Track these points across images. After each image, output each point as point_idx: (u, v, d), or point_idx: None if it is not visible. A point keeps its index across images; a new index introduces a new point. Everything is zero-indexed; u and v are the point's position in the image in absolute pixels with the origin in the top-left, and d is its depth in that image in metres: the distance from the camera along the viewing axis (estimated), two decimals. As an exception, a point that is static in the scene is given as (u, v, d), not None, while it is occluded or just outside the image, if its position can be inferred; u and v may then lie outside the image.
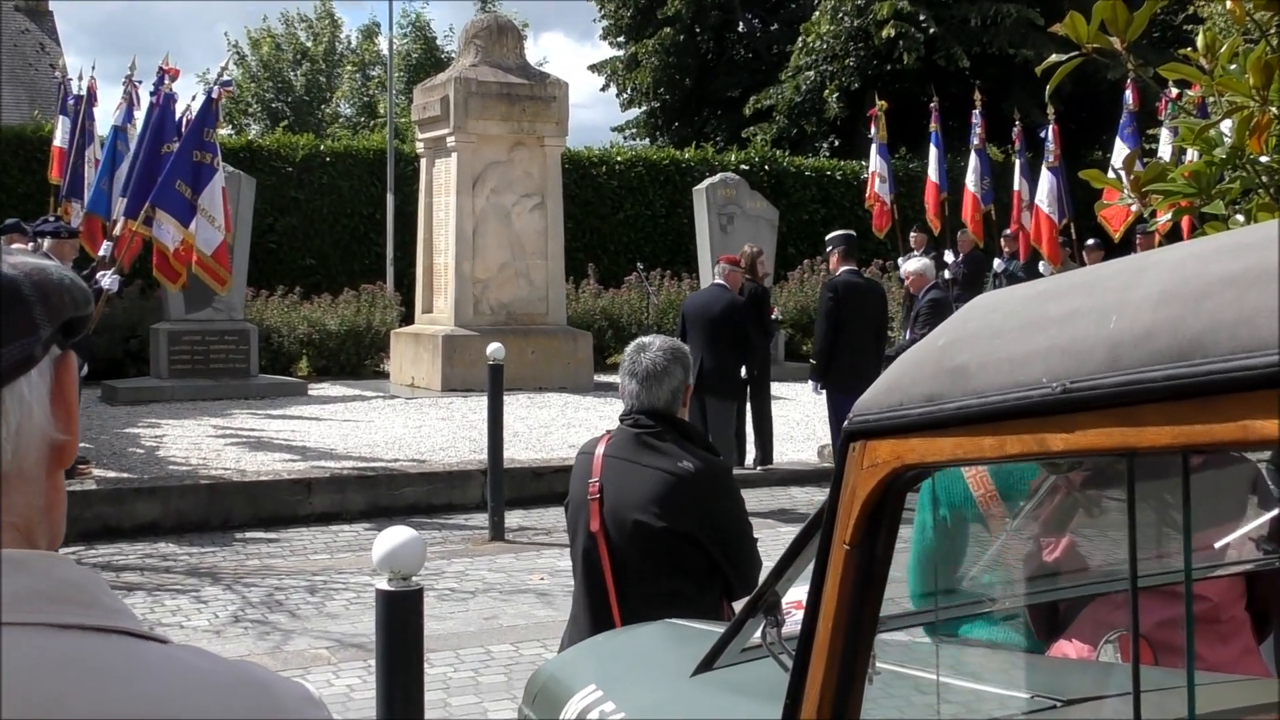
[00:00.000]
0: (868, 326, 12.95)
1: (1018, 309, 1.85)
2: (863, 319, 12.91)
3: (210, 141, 14.25)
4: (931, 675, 3.08)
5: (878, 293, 13.48)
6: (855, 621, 2.11)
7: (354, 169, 26.95)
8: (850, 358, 12.73)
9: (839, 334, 12.79)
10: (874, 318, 13.07)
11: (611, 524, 4.89)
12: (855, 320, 12.85)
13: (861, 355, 12.74)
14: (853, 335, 12.79)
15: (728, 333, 12.59)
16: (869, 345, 12.90)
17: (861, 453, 2.04)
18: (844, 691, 2.13)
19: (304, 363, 22.16)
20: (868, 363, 12.60)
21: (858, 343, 12.81)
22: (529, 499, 12.86)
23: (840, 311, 12.82)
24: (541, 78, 20.78)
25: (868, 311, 12.99)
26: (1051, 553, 3.48)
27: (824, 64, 34.81)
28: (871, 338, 12.97)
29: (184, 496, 11.97)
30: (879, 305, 13.24)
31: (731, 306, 12.72)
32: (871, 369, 12.27)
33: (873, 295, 13.26)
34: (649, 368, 4.98)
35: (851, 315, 12.85)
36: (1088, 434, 1.62)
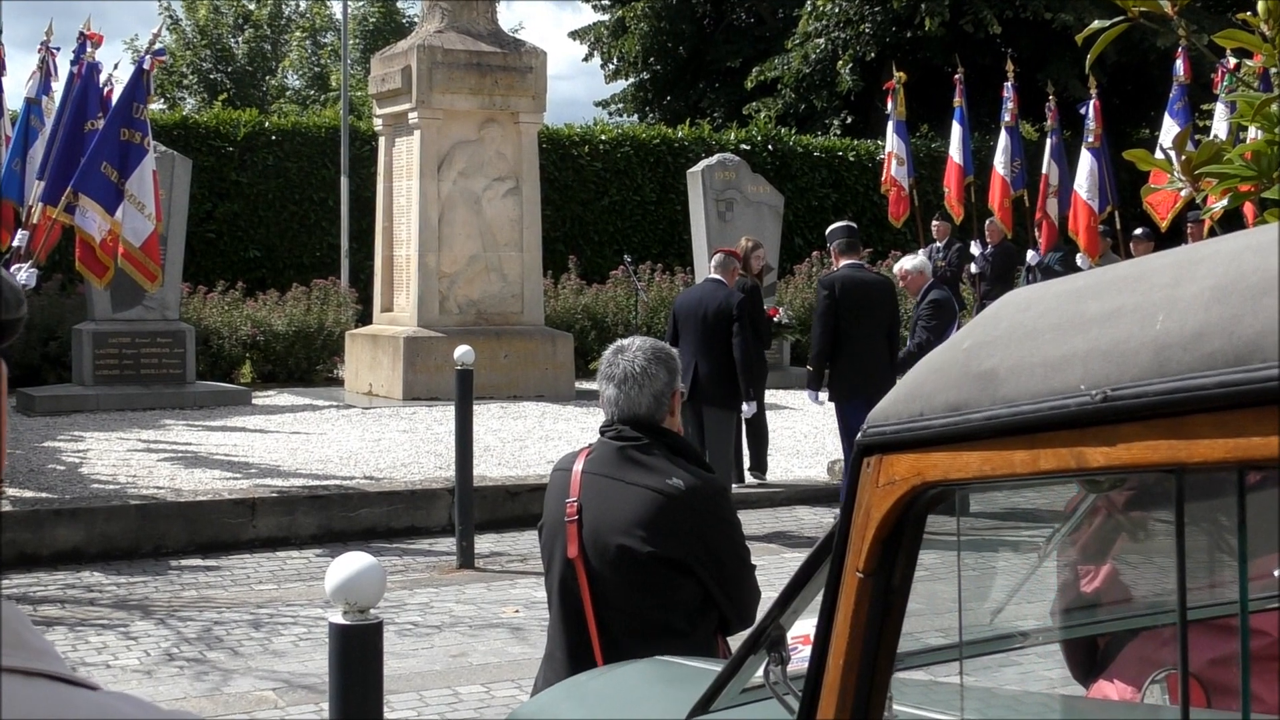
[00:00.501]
0: (875, 327, 12.78)
1: (1053, 307, 1.85)
2: (868, 319, 12.76)
3: (140, 119, 14.22)
4: (955, 718, 3.08)
5: (885, 289, 13.29)
6: (870, 658, 2.12)
7: (303, 149, 26.93)
8: (854, 362, 12.65)
9: (840, 336, 12.67)
10: (882, 317, 12.88)
11: (591, 549, 4.88)
12: (858, 320, 12.71)
13: (868, 359, 12.65)
14: (856, 337, 12.66)
15: (726, 335, 12.58)
16: (877, 348, 12.75)
17: (877, 469, 2.05)
18: (857, 737, 2.14)
19: (247, 368, 22.13)
20: (876, 367, 12.54)
21: (863, 346, 12.67)
22: (502, 521, 12.85)
23: (838, 310, 12.68)
24: (516, 46, 20.78)
25: (873, 310, 12.82)
26: (1091, 582, 3.49)
27: (835, 31, 34.83)
28: (881, 339, 12.81)
29: (111, 519, 11.94)
30: (887, 303, 13.05)
31: (728, 304, 12.68)
32: (882, 374, 12.35)
33: (879, 292, 13.08)
34: (627, 370, 4.97)
35: (853, 314, 12.71)
36: (1131, 447, 1.63)
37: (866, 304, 12.79)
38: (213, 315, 21.78)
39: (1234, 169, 2.86)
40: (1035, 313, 1.87)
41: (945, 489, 2.00)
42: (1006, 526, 3.66)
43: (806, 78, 35.49)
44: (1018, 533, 3.64)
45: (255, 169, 26.33)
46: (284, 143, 26.76)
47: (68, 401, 18.32)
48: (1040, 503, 3.74)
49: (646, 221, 29.06)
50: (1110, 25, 2.85)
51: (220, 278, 23.60)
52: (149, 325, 19.11)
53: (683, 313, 12.77)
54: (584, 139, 29.09)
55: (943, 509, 2.07)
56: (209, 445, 15.71)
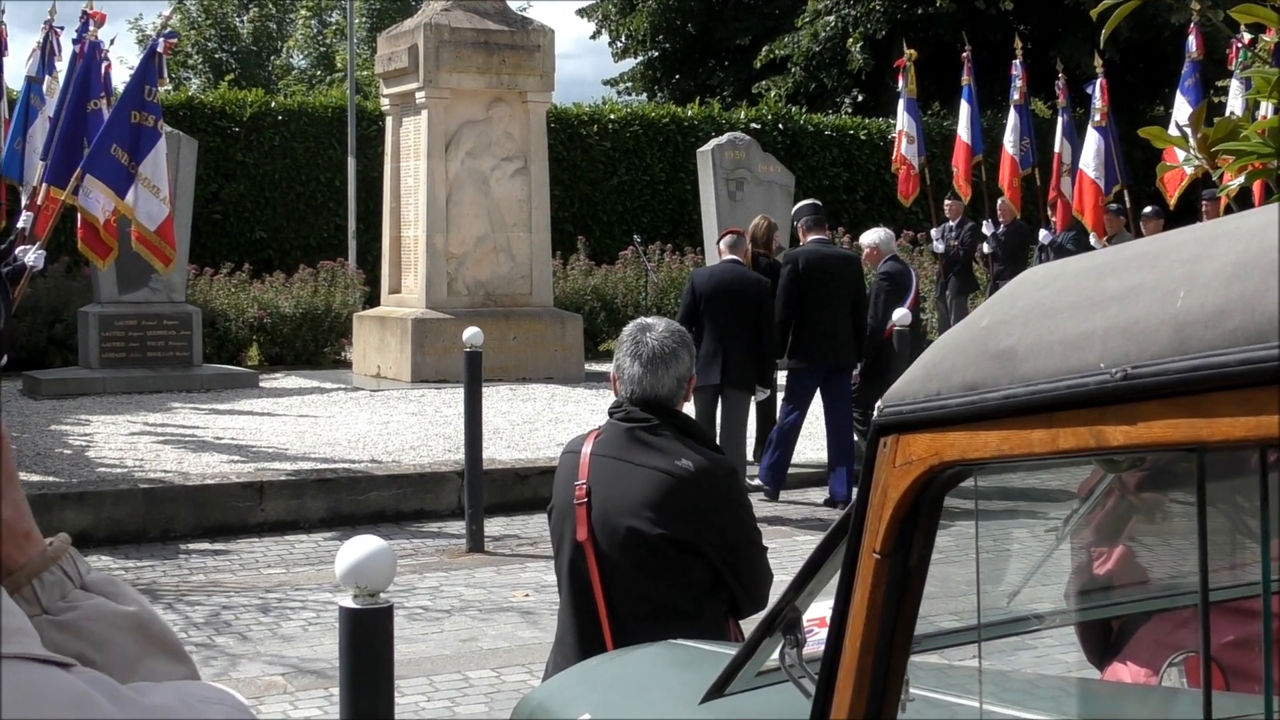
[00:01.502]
0: (839, 301, 12.97)
1: (1072, 284, 1.85)
2: (831, 292, 12.94)
3: (152, 102, 14.24)
4: (973, 702, 3.08)
5: (850, 263, 13.51)
6: (886, 641, 2.12)
7: (310, 129, 26.93)
8: (817, 333, 12.87)
9: (804, 309, 12.85)
10: (846, 291, 13.05)
11: (601, 532, 4.88)
12: (823, 296, 12.90)
13: (831, 331, 12.92)
14: (820, 313, 12.88)
15: (756, 317, 12.57)
16: (841, 320, 12.97)
17: (894, 448, 2.04)
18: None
19: (254, 350, 22.16)
20: (841, 339, 12.92)
21: (827, 321, 12.89)
22: (511, 504, 12.86)
23: (801, 285, 12.87)
24: (524, 24, 20.76)
25: (836, 284, 13.00)
26: (1108, 564, 3.48)
27: (846, 8, 34.78)
28: (845, 315, 13.01)
29: (118, 503, 11.96)
30: (852, 278, 13.24)
31: (761, 287, 12.68)
32: (846, 346, 12.96)
33: (842, 266, 13.29)
34: (656, 349, 4.97)
35: (817, 290, 12.89)
36: (1152, 426, 1.62)
37: (829, 278, 12.99)
38: (219, 297, 21.81)
39: (1251, 146, 2.85)
40: (1053, 290, 1.87)
41: (963, 469, 2.00)
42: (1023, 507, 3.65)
43: (817, 56, 35.44)
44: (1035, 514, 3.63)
45: (261, 150, 26.33)
46: (290, 123, 26.76)
47: (74, 384, 18.34)
48: (1058, 483, 3.73)
49: (656, 201, 29.05)
50: (1125, 0, 2.84)
51: (226, 259, 23.63)
52: (155, 308, 19.12)
53: (713, 295, 12.58)
54: (592, 118, 29.07)
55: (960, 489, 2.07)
56: (216, 428, 15.73)
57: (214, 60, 51.43)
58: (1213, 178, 3.07)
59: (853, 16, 34.72)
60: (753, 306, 12.48)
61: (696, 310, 12.53)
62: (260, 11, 53.23)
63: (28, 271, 13.48)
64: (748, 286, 12.63)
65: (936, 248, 21.85)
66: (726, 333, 12.32)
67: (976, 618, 3.02)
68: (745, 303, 12.48)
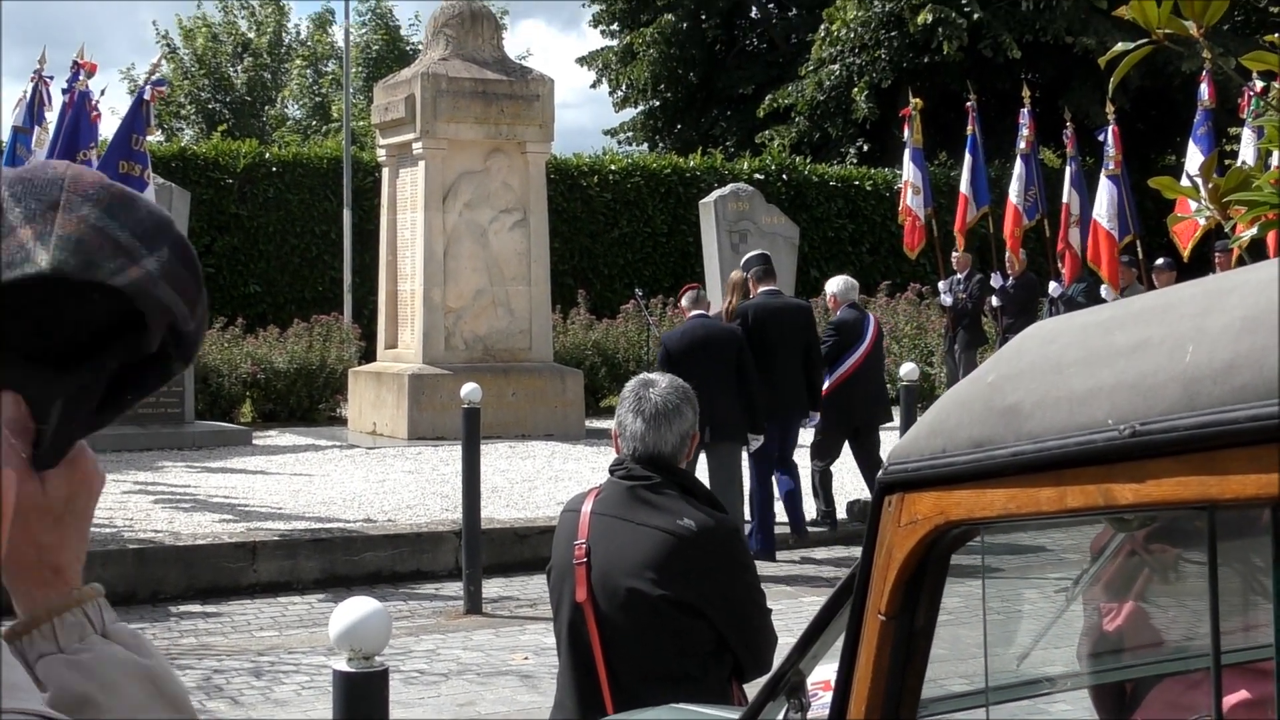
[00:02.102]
0: (790, 352, 13.29)
1: (1079, 339, 1.85)
2: (782, 344, 13.25)
3: (139, 150, 14.27)
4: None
5: (800, 314, 13.83)
6: (893, 705, 2.11)
7: (305, 180, 27.01)
8: (770, 384, 13.03)
9: (757, 362, 12.98)
10: (796, 342, 13.36)
11: (601, 592, 4.87)
12: (773, 346, 13.18)
13: (784, 384, 13.18)
14: (773, 362, 13.11)
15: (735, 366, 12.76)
16: (793, 372, 13.29)
17: (899, 507, 2.04)
18: (880, 787, 2.13)
19: (248, 407, 22.15)
20: (793, 391, 13.26)
21: (779, 370, 13.16)
22: (510, 565, 12.83)
23: (753, 338, 13.05)
24: (523, 73, 20.85)
25: (787, 335, 13.31)
26: (1119, 624, 3.48)
27: (851, 56, 34.92)
28: (796, 363, 13.32)
29: (107, 564, 11.93)
30: (803, 326, 13.57)
31: (735, 335, 12.97)
32: (797, 398, 13.32)
33: (793, 317, 13.61)
34: (659, 405, 4.97)
35: (768, 341, 13.15)
36: (1161, 484, 1.63)
37: (780, 330, 13.27)
38: (212, 353, 21.81)
39: (1263, 196, 2.86)
40: (1060, 345, 1.87)
41: (969, 528, 2.00)
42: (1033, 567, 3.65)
43: (821, 105, 35.56)
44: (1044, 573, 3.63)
45: (255, 201, 26.40)
46: (284, 174, 26.83)
47: (62, 442, 18.29)
48: (1068, 542, 3.73)
49: (658, 254, 29.10)
50: (1134, 48, 2.85)
51: (219, 314, 23.64)
52: (146, 363, 19.09)
53: (687, 351, 12.68)
54: (593, 169, 29.15)
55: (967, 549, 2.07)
56: (208, 487, 15.70)
57: (207, 111, 51.60)
58: (1224, 229, 3.07)
59: (858, 65, 34.85)
60: (730, 356, 12.67)
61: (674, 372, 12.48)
62: (255, 61, 53.43)
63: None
64: (720, 338, 12.85)
65: (944, 301, 21.88)
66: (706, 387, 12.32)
67: (985, 680, 3.01)
68: (721, 354, 12.66)
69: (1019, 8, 33.07)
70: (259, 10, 54.84)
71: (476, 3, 22.15)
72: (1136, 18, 2.79)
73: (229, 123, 47.59)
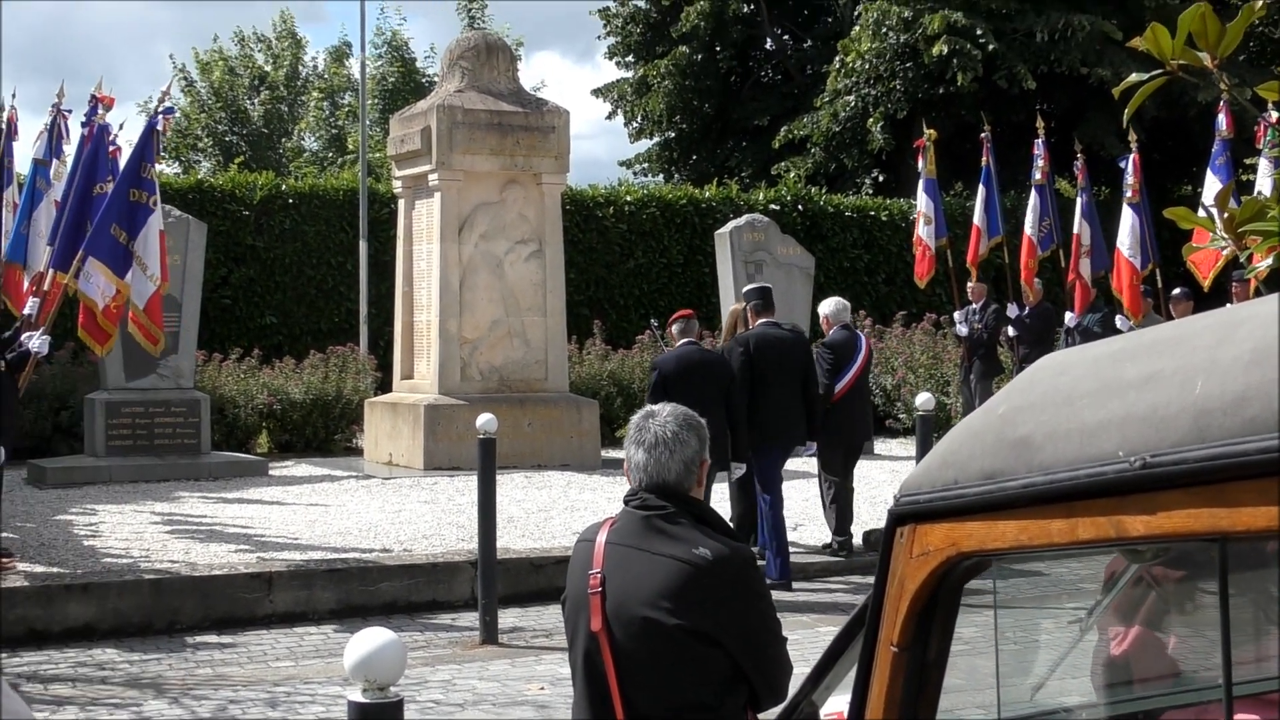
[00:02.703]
0: (789, 380, 13.64)
1: (1090, 371, 1.86)
2: (782, 372, 13.60)
3: (148, 178, 14.30)
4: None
5: (798, 343, 14.10)
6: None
7: (321, 211, 27.04)
8: (772, 414, 13.45)
9: (758, 390, 13.44)
10: (795, 370, 13.72)
11: (616, 622, 4.86)
12: (773, 374, 13.54)
13: (785, 411, 13.55)
14: (773, 390, 13.50)
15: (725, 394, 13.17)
16: (792, 399, 13.64)
17: (911, 539, 2.05)
18: (893, 818, 2.13)
19: (264, 438, 22.17)
20: (793, 418, 13.61)
21: (779, 397, 13.52)
22: (526, 595, 12.82)
23: (754, 366, 13.46)
24: (538, 105, 20.89)
25: (787, 364, 13.66)
26: (1131, 655, 3.47)
27: (866, 87, 34.94)
28: (796, 390, 13.66)
29: (124, 594, 11.95)
30: (802, 356, 13.92)
31: (726, 364, 13.45)
32: (797, 423, 13.65)
33: (792, 346, 13.91)
34: (658, 435, 4.97)
35: (769, 369, 13.51)
36: (1172, 516, 1.63)
37: (780, 358, 13.61)
38: (228, 383, 21.84)
39: (1278, 226, 2.85)
40: (1071, 377, 1.88)
41: (981, 559, 2.00)
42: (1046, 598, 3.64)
43: (836, 136, 35.56)
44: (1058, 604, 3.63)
45: (272, 233, 26.43)
46: (301, 206, 26.86)
47: (80, 473, 18.37)
48: (1084, 571, 3.72)
49: (673, 284, 29.08)
50: (1149, 79, 2.85)
51: (236, 345, 23.68)
52: (163, 394, 19.17)
53: (681, 376, 13.00)
54: (608, 200, 29.16)
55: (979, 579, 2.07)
56: (224, 517, 15.72)
57: (224, 143, 51.73)
58: (1240, 259, 3.07)
59: (873, 96, 34.86)
60: (723, 383, 13.15)
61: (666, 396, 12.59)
62: (271, 94, 53.58)
63: (33, 358, 13.52)
64: (714, 365, 13.34)
65: (960, 331, 21.85)
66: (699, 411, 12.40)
67: (997, 711, 3.01)
68: (715, 381, 13.08)
69: (1034, 39, 33.06)
70: (276, 44, 55.04)
71: (492, 35, 22.25)
72: (1150, 49, 2.79)
73: (246, 155, 47.71)
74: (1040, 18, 32.90)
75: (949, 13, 32.43)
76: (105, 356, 17.14)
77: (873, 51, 34.15)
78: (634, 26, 40.08)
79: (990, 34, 32.50)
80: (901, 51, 34.06)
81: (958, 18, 32.35)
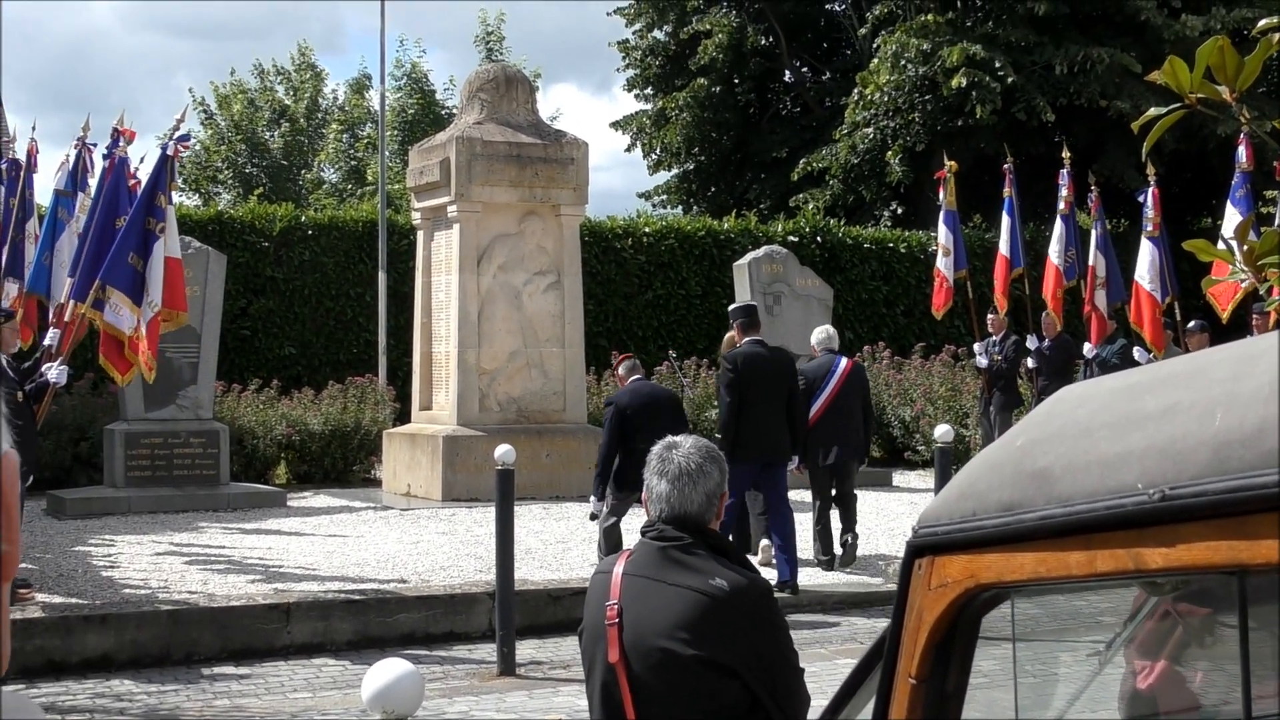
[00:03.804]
0: (774, 396, 14.22)
1: (1108, 403, 1.85)
2: (767, 389, 14.18)
3: (159, 207, 14.33)
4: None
5: (783, 362, 14.67)
6: (924, 769, 2.10)
7: (340, 243, 27.12)
8: (755, 428, 14.04)
9: (744, 405, 14.04)
10: (780, 387, 14.32)
11: (633, 653, 4.86)
12: (758, 391, 14.11)
13: (768, 425, 14.13)
14: (757, 406, 14.09)
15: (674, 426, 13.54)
16: (776, 415, 14.21)
17: (929, 570, 2.04)
18: None
19: (282, 468, 22.20)
20: (776, 432, 14.16)
21: (763, 412, 14.12)
22: (544, 627, 12.81)
23: (741, 383, 14.08)
24: (557, 137, 20.93)
25: (772, 381, 14.25)
26: (1153, 690, 3.45)
27: (885, 120, 34.97)
28: (780, 407, 14.24)
29: (141, 626, 11.95)
30: (785, 374, 14.50)
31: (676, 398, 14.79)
32: (781, 438, 14.20)
33: (777, 365, 14.47)
34: (682, 466, 4.97)
35: (754, 386, 14.10)
36: (1191, 548, 1.63)
37: (765, 376, 14.20)
38: (247, 414, 21.88)
39: (1297, 259, 2.85)
40: (1089, 409, 1.87)
41: (1000, 591, 1.99)
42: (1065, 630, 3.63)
43: (855, 168, 35.58)
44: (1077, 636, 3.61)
45: (291, 264, 26.51)
46: (320, 237, 26.95)
47: (99, 504, 18.40)
48: (1103, 605, 3.71)
49: (692, 316, 29.12)
50: (1168, 112, 2.85)
51: (255, 375, 23.74)
52: (182, 425, 19.21)
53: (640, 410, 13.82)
54: (627, 231, 29.21)
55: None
56: (243, 548, 15.73)
57: (243, 174, 51.90)
58: (1260, 291, 3.07)
59: (892, 128, 34.89)
60: (672, 413, 13.92)
61: (625, 431, 13.72)
62: (291, 126, 53.75)
63: (51, 388, 13.56)
64: (664, 398, 14.45)
65: (979, 363, 21.80)
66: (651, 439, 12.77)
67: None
68: (666, 412, 13.85)
69: (1053, 72, 33.07)
70: (295, 76, 55.23)
71: (511, 67, 22.30)
72: (1169, 82, 2.79)
73: (265, 186, 47.87)
74: (1059, 51, 32.91)
75: (968, 45, 32.45)
76: (125, 387, 17.16)
77: (891, 84, 34.18)
78: (653, 59, 40.21)
79: (1009, 66, 32.52)
80: (920, 84, 34.10)
81: (977, 50, 32.38)
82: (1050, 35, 33.34)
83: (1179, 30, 31.66)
